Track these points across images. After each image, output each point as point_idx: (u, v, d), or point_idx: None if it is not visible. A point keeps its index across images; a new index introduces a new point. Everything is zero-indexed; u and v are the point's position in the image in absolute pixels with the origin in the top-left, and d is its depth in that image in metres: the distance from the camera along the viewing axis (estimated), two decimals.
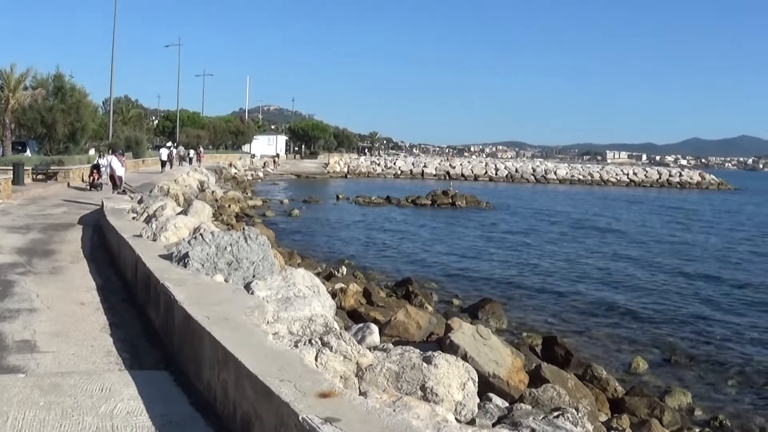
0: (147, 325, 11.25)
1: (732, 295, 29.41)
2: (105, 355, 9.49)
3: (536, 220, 59.31)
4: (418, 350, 8.96)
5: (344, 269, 27.17)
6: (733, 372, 18.76)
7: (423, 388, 8.13)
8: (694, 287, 30.63)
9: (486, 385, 10.95)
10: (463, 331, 11.93)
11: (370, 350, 8.79)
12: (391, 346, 9.63)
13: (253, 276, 11.64)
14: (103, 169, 40.21)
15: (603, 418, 13.29)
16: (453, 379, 8.38)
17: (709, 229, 57.49)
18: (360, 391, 7.59)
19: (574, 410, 9.81)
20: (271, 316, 9.28)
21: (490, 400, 9.83)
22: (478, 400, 9.18)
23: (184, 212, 19.80)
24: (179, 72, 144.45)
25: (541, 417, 8.65)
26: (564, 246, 43.46)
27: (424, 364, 8.32)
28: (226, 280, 11.49)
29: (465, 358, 10.89)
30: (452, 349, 11.24)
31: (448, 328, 12.37)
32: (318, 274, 24.29)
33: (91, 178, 40.09)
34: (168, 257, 12.65)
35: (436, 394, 8.12)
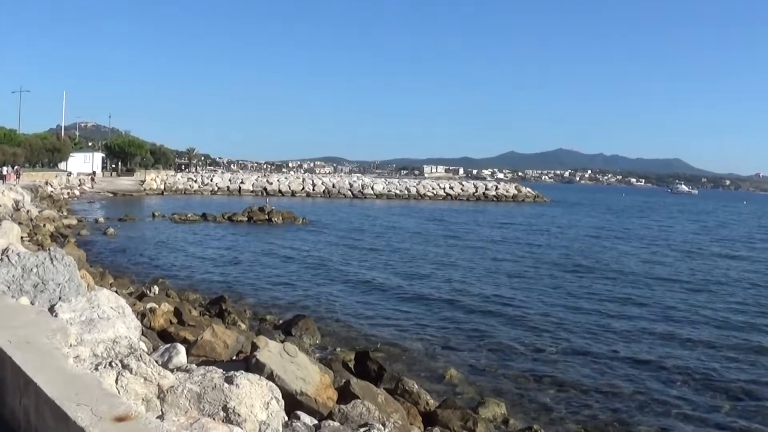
0: None
1: (544, 304, 30.22)
2: None
3: (351, 236, 59.68)
4: (221, 370, 8.98)
5: (156, 288, 26.76)
6: (547, 381, 19.11)
7: (225, 408, 8.16)
8: (506, 298, 31.35)
9: (294, 404, 10.96)
10: (269, 349, 11.93)
11: (173, 371, 8.77)
12: (194, 366, 9.62)
13: (59, 298, 11.45)
14: None
15: (415, 431, 13.43)
16: (256, 398, 8.43)
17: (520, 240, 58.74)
18: (162, 413, 7.58)
19: (381, 426, 10.01)
20: (74, 338, 9.18)
21: (298, 418, 9.93)
22: (285, 419, 9.25)
23: None
24: None
25: None
26: (377, 260, 43.95)
27: (226, 385, 8.36)
28: (32, 303, 11.27)
29: (271, 376, 10.92)
30: (258, 367, 11.23)
31: (254, 347, 12.32)
32: (131, 294, 24.00)
33: None
34: None
35: (239, 415, 8.15)
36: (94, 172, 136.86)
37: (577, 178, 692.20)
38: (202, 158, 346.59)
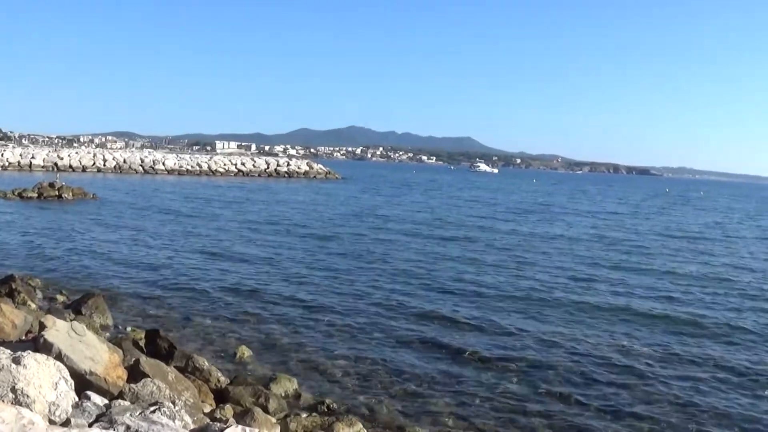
0: None
1: (334, 280, 30.79)
2: None
3: (140, 212, 58.93)
4: (9, 351, 8.90)
5: None
6: (339, 356, 19.62)
7: (14, 390, 8.12)
8: (293, 276, 31.69)
9: (84, 384, 10.89)
10: (57, 329, 11.80)
11: None
12: None
13: None
14: None
15: (207, 409, 13.35)
16: (44, 379, 8.41)
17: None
18: None
19: (171, 404, 10.08)
20: None
21: (89, 398, 9.89)
22: (76, 399, 9.22)
23: None
24: None
25: (138, 413, 8.85)
26: (167, 237, 43.65)
27: (13, 365, 8.31)
28: None
29: (59, 356, 10.84)
30: (46, 347, 11.11)
31: (42, 326, 12.19)
32: None
33: None
34: None
35: (28, 396, 8.13)
36: None
37: (369, 156, 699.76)
38: None
